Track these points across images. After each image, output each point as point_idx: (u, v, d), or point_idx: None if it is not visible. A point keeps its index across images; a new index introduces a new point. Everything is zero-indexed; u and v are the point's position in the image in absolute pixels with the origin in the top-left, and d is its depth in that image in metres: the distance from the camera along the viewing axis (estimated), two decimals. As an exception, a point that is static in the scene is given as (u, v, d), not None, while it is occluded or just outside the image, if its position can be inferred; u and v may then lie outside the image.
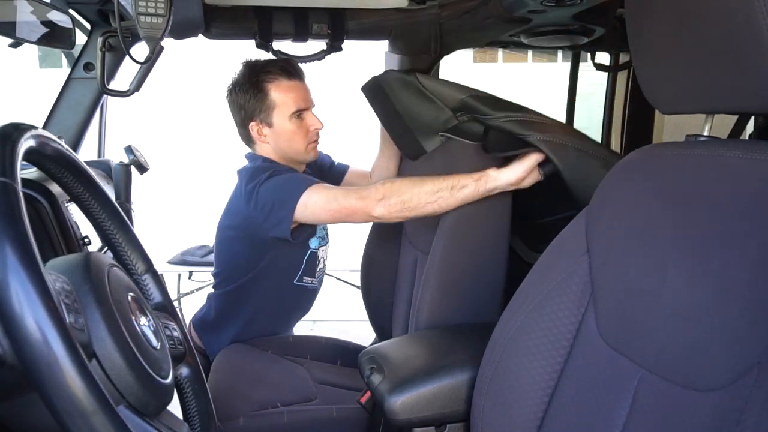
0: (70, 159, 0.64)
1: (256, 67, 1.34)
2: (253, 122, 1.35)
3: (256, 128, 1.35)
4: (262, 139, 1.36)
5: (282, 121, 1.33)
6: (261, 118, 1.34)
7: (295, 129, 1.34)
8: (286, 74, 1.33)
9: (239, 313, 1.45)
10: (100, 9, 1.36)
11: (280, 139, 1.35)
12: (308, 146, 1.36)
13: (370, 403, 1.16)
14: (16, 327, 0.42)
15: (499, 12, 1.32)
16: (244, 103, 1.34)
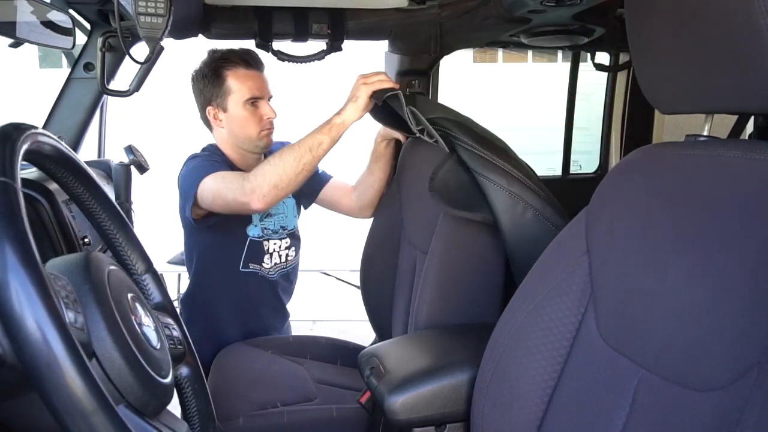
0: (70, 159, 0.64)
1: (217, 54, 1.41)
2: (210, 106, 1.41)
3: (212, 112, 1.41)
4: (217, 124, 1.42)
5: (236, 107, 1.38)
6: (217, 102, 1.40)
7: (248, 116, 1.39)
8: (244, 63, 1.38)
9: (201, 307, 1.49)
10: (100, 9, 1.36)
11: (233, 125, 1.40)
12: (260, 133, 1.41)
13: (370, 403, 1.17)
14: (16, 327, 0.42)
15: (499, 12, 1.32)
16: (203, 88, 1.40)
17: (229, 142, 1.44)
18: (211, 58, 1.41)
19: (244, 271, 1.47)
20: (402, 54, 1.57)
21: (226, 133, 1.43)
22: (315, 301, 3.28)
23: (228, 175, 1.29)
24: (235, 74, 1.38)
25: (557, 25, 1.41)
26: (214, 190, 1.29)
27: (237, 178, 1.27)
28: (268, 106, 1.41)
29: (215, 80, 1.39)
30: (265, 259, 1.49)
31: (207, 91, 1.40)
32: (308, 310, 3.16)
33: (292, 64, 1.49)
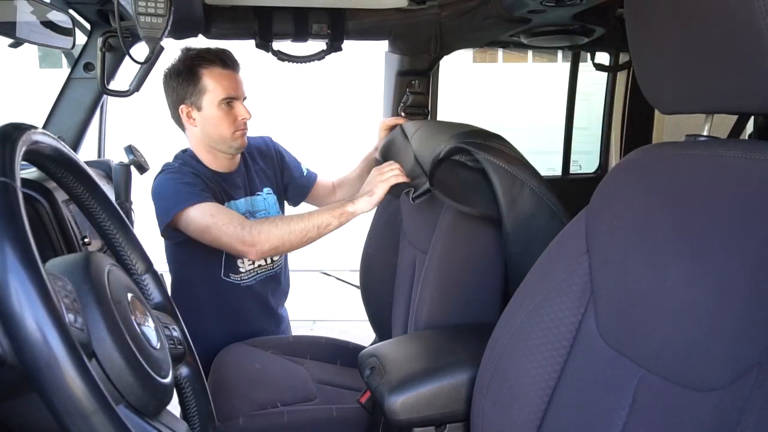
0: (70, 159, 0.63)
1: (193, 52, 1.38)
2: (183, 105, 1.38)
3: (186, 111, 1.39)
4: (190, 122, 1.40)
5: (210, 107, 1.36)
6: (192, 101, 1.37)
7: (223, 116, 1.37)
8: (220, 63, 1.36)
9: (186, 313, 1.46)
10: (100, 9, 1.36)
11: (207, 124, 1.38)
12: (234, 134, 1.39)
13: (369, 402, 1.16)
14: (16, 327, 0.42)
15: (499, 12, 1.32)
16: (177, 85, 1.38)
17: (202, 141, 1.42)
18: (185, 56, 1.38)
19: (225, 280, 1.45)
20: (402, 54, 1.57)
21: (200, 133, 1.40)
22: (315, 301, 3.28)
23: (218, 214, 1.27)
24: (210, 73, 1.35)
25: (557, 25, 1.41)
26: (203, 225, 1.27)
27: (232, 221, 1.25)
28: (243, 107, 1.39)
29: (190, 78, 1.36)
30: (242, 269, 1.47)
31: (181, 89, 1.37)
32: (308, 310, 3.16)
33: (292, 64, 1.50)
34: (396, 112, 1.63)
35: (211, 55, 1.36)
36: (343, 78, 5.89)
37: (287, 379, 1.35)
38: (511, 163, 1.06)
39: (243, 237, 1.23)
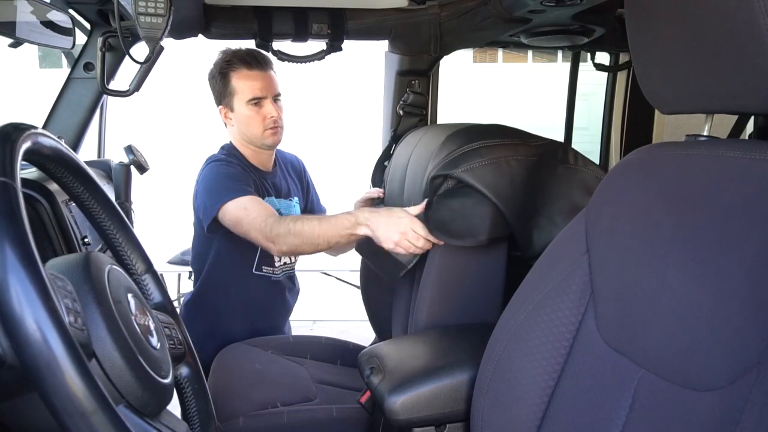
0: (70, 159, 0.63)
1: (225, 55, 1.46)
2: (221, 106, 1.48)
3: (223, 111, 1.49)
4: (228, 122, 1.49)
5: (241, 107, 1.44)
6: (225, 102, 1.46)
7: (252, 115, 1.43)
8: (246, 64, 1.43)
9: (208, 307, 1.52)
10: (100, 9, 1.36)
11: (240, 124, 1.46)
12: (265, 132, 1.45)
13: (369, 403, 1.16)
14: (16, 327, 0.42)
15: (498, 12, 1.32)
16: (213, 87, 1.48)
17: (240, 139, 1.49)
18: (220, 59, 1.46)
19: (256, 274, 1.49)
20: (402, 54, 1.57)
21: (237, 131, 1.48)
22: (315, 301, 3.28)
23: (251, 207, 1.32)
24: (237, 75, 1.42)
25: (557, 25, 1.41)
26: (235, 218, 1.33)
27: (260, 214, 1.29)
28: (271, 104, 1.44)
29: (222, 81, 1.44)
30: (276, 262, 1.52)
31: (216, 92, 1.47)
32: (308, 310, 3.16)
33: (292, 64, 1.50)
34: (396, 112, 1.63)
35: (236, 58, 1.43)
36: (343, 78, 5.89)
37: (287, 379, 1.35)
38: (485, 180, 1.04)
39: (265, 232, 1.27)
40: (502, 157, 1.04)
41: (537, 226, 1.09)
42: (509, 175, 1.04)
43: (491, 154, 1.04)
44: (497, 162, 1.04)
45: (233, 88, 1.43)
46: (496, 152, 1.04)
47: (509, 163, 1.04)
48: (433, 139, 1.19)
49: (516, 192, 1.05)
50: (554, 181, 1.08)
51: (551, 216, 1.08)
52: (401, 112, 1.61)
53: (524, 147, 1.07)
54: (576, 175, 1.09)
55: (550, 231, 1.07)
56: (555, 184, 1.08)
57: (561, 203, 1.08)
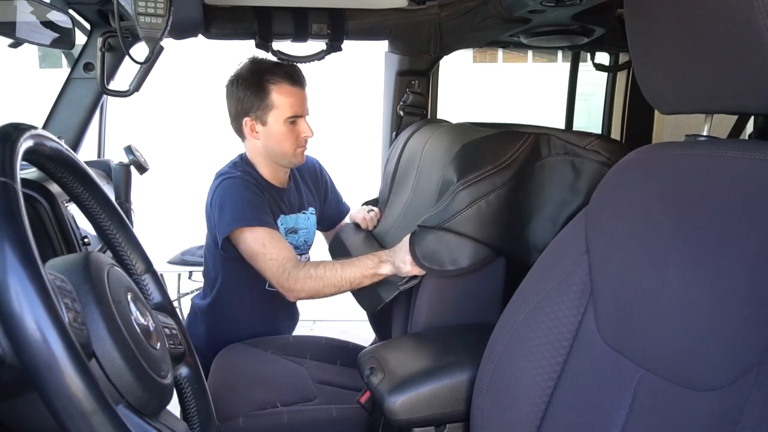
0: (70, 159, 0.63)
1: (263, 66, 1.38)
2: (248, 117, 1.39)
3: (249, 123, 1.39)
4: (253, 135, 1.40)
5: (276, 123, 1.37)
6: (257, 115, 1.38)
7: (287, 132, 1.38)
8: (289, 80, 1.37)
9: (220, 318, 1.50)
10: (100, 9, 1.36)
11: (271, 139, 1.39)
12: (296, 150, 1.41)
13: (369, 403, 1.16)
14: (16, 327, 0.42)
15: (498, 12, 1.32)
16: (243, 97, 1.37)
17: (261, 154, 1.42)
18: (255, 68, 1.38)
19: (270, 290, 1.46)
20: (402, 54, 1.57)
21: (261, 146, 1.41)
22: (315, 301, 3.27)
23: (269, 245, 1.29)
24: (279, 89, 1.36)
25: (557, 25, 1.41)
26: (251, 252, 1.30)
27: (278, 258, 1.27)
28: (306, 124, 1.40)
29: (258, 92, 1.36)
30: None
31: (247, 102, 1.37)
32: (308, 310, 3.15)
33: (292, 64, 1.49)
34: (396, 112, 1.63)
35: (281, 71, 1.37)
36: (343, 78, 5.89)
37: (287, 379, 1.35)
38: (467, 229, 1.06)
39: (282, 282, 1.27)
40: (481, 197, 1.05)
41: (530, 234, 1.11)
42: (490, 214, 1.06)
43: (469, 198, 1.05)
44: (477, 205, 1.05)
45: (272, 102, 1.36)
46: (474, 193, 1.05)
47: (489, 203, 1.06)
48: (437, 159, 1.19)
49: (501, 223, 1.07)
50: (535, 192, 1.09)
51: (541, 220, 1.10)
52: (401, 113, 1.61)
53: (501, 173, 1.06)
54: (554, 167, 1.09)
55: (544, 231, 1.09)
56: (537, 194, 1.09)
57: (548, 207, 1.10)
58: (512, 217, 1.08)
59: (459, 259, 1.08)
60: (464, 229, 1.06)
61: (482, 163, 1.06)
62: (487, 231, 1.06)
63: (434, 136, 1.30)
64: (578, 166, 1.09)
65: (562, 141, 1.10)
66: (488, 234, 1.07)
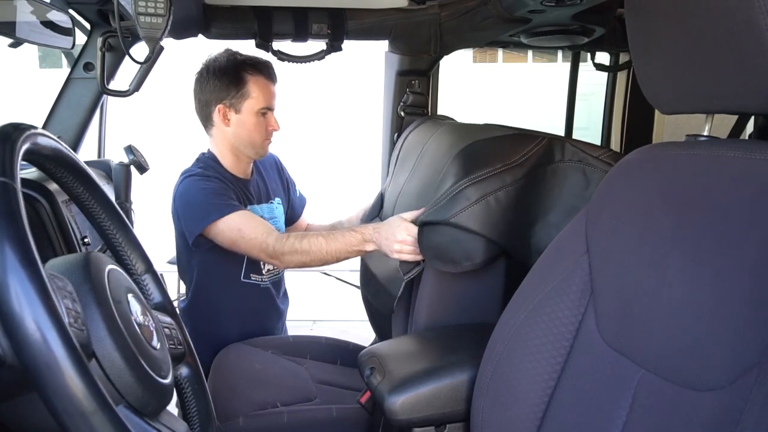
0: (70, 159, 0.63)
1: (240, 57, 1.43)
2: (221, 104, 1.41)
3: (222, 111, 1.42)
4: (224, 122, 1.42)
5: (249, 113, 1.41)
6: (231, 102, 1.40)
7: (258, 123, 1.42)
8: (266, 74, 1.42)
9: (202, 315, 1.50)
10: (100, 9, 1.36)
11: (241, 127, 1.42)
12: (264, 142, 1.45)
13: (369, 403, 1.16)
14: (16, 327, 0.42)
15: (498, 12, 1.32)
16: (219, 84, 1.40)
17: (229, 143, 1.44)
18: (233, 59, 1.42)
19: (245, 282, 1.49)
20: (402, 54, 1.57)
21: (231, 134, 1.43)
22: (315, 301, 3.28)
23: (246, 227, 1.31)
24: (256, 81, 1.40)
25: (557, 25, 1.41)
26: (230, 239, 1.32)
27: (258, 234, 1.29)
28: (274, 118, 1.45)
29: (235, 81, 1.39)
30: (264, 270, 1.52)
31: (223, 89, 1.40)
32: (308, 310, 3.16)
33: (291, 64, 1.50)
34: (396, 112, 1.63)
35: (259, 65, 1.42)
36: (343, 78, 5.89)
37: (287, 379, 1.35)
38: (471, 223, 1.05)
39: (269, 252, 1.29)
40: (490, 193, 1.04)
41: (534, 236, 1.10)
42: (499, 211, 1.05)
43: (478, 193, 1.04)
44: (485, 201, 1.04)
45: (248, 92, 1.40)
46: (483, 189, 1.04)
47: (498, 199, 1.05)
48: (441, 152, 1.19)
49: (509, 221, 1.06)
50: (544, 194, 1.09)
51: (546, 224, 1.10)
52: (402, 114, 1.61)
53: (512, 171, 1.05)
54: (566, 173, 1.09)
55: (548, 235, 1.08)
56: (545, 197, 1.09)
57: (555, 212, 1.09)
58: (519, 216, 1.07)
59: (472, 254, 1.06)
60: (472, 225, 1.04)
61: (492, 161, 1.06)
62: (495, 228, 1.05)
63: (441, 131, 1.30)
64: (589, 175, 1.08)
65: (576, 148, 1.09)
66: (496, 231, 1.05)
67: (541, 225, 1.09)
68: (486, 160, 1.07)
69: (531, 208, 1.08)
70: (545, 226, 1.09)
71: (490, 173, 1.05)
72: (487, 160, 1.06)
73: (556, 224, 1.08)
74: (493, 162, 1.05)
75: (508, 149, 1.08)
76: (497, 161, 1.05)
